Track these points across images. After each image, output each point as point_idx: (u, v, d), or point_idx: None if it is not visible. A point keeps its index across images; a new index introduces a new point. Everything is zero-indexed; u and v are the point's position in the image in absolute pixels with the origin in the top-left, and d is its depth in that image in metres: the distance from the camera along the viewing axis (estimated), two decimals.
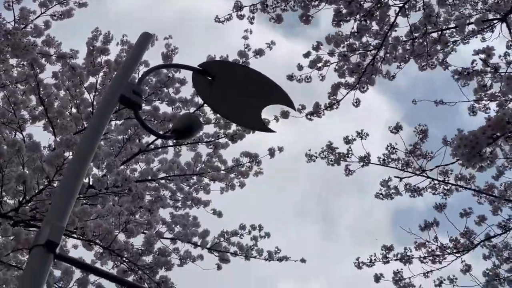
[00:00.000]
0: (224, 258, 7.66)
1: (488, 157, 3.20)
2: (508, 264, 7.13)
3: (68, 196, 1.87)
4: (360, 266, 7.61)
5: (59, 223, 1.75)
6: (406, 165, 7.18)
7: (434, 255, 7.22)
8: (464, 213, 7.23)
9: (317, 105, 7.38)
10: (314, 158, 7.48)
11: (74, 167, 1.99)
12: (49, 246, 1.69)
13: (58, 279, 6.16)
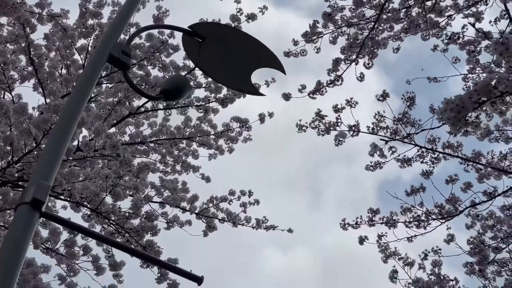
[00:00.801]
0: (212, 225, 7.67)
1: (474, 121, 3.20)
2: (492, 232, 7.18)
3: (54, 156, 1.86)
4: (345, 227, 7.67)
5: (45, 182, 1.74)
6: (395, 133, 7.18)
7: (419, 220, 7.28)
8: (449, 179, 7.26)
9: (319, 83, 7.39)
10: (305, 128, 7.47)
11: (61, 127, 1.97)
12: (35, 204, 1.68)
13: (45, 239, 6.18)
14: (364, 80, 7.26)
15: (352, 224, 7.65)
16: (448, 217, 7.21)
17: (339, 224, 7.68)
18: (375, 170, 7.60)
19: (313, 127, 7.42)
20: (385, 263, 7.45)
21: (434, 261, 7.11)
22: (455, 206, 7.18)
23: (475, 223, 7.30)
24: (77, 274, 6.44)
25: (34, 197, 1.68)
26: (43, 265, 6.27)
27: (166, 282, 6.58)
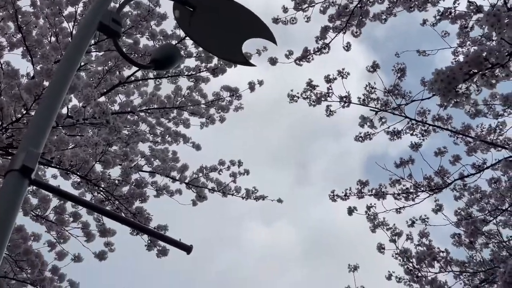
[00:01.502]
0: (202, 194, 7.69)
1: (464, 93, 3.21)
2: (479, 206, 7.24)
3: (44, 122, 1.85)
4: (335, 199, 7.71)
5: (34, 149, 1.74)
6: (385, 105, 7.19)
7: (407, 193, 7.32)
8: (438, 152, 7.30)
9: (306, 50, 7.37)
10: (296, 99, 7.47)
11: (51, 94, 1.97)
12: (24, 171, 1.68)
13: (35, 206, 6.19)
14: (350, 49, 7.23)
15: (341, 196, 7.69)
16: (436, 189, 7.26)
17: (328, 196, 7.73)
18: (364, 141, 7.64)
19: (304, 98, 7.43)
20: (373, 233, 7.50)
21: (422, 232, 7.16)
22: (444, 178, 7.22)
23: (463, 194, 7.35)
24: (67, 241, 6.47)
25: (23, 164, 1.68)
26: (33, 233, 6.29)
27: (156, 248, 6.61)
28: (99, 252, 6.51)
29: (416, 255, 6.98)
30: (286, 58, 7.44)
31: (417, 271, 6.94)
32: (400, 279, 7.20)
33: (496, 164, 6.99)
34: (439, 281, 6.83)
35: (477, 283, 6.82)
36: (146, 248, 6.62)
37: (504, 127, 7.00)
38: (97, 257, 6.50)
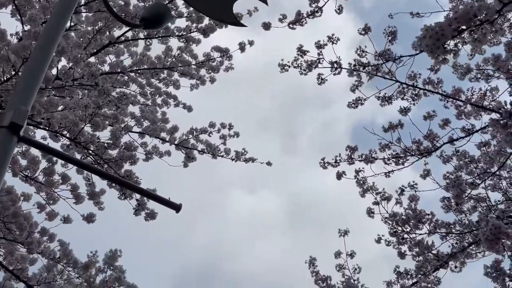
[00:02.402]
0: (191, 156, 7.69)
1: (452, 49, 3.19)
2: (467, 170, 7.27)
3: (32, 80, 1.84)
4: (325, 166, 7.73)
5: (23, 106, 1.73)
6: (376, 70, 7.17)
7: (397, 157, 7.34)
8: (427, 116, 7.31)
9: (299, 13, 7.33)
10: (287, 68, 7.45)
11: (39, 51, 1.95)
12: (12, 128, 1.67)
13: (24, 167, 6.17)
14: (342, 12, 7.21)
15: (331, 163, 7.72)
16: (425, 153, 7.28)
17: (319, 163, 7.75)
18: (357, 107, 7.64)
19: (295, 66, 7.41)
20: (363, 197, 7.54)
21: (411, 196, 7.19)
22: (433, 142, 7.24)
23: (452, 158, 7.38)
24: (56, 203, 6.47)
25: (12, 121, 1.67)
26: (23, 193, 6.29)
27: (144, 212, 6.62)
28: (87, 215, 6.51)
29: (400, 217, 7.04)
30: (280, 22, 7.42)
31: (403, 233, 7.00)
32: (389, 243, 7.25)
33: (486, 127, 7.01)
34: (426, 242, 6.89)
35: (464, 244, 6.89)
36: (134, 212, 6.63)
37: (496, 92, 7.01)
38: (85, 220, 6.51)
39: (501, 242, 2.94)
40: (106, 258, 6.13)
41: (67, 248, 6.35)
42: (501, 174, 7.39)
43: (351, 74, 7.17)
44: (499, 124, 3.06)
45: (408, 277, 7.28)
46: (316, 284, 7.83)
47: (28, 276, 6.21)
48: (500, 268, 3.11)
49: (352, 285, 7.62)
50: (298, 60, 7.36)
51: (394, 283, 7.44)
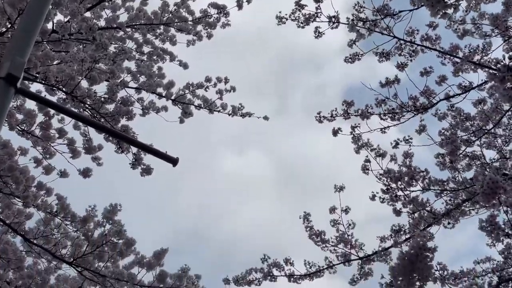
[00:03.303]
0: (188, 111, 7.67)
1: (453, 4, 3.17)
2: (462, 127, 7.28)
3: (28, 33, 1.84)
4: (321, 120, 7.73)
5: (20, 58, 1.73)
6: (374, 25, 7.13)
7: (393, 113, 7.34)
8: (424, 72, 7.29)
9: None
10: (284, 20, 7.40)
11: (35, 4, 1.94)
12: (9, 79, 1.67)
13: (21, 121, 6.17)
14: None
15: (327, 117, 7.71)
16: (421, 109, 7.28)
17: (315, 117, 7.72)
18: (353, 62, 7.62)
19: (292, 19, 7.36)
20: (357, 154, 7.55)
21: (406, 152, 7.20)
22: (429, 98, 7.24)
23: (447, 115, 7.38)
24: (53, 157, 6.49)
25: (9, 72, 1.67)
26: (20, 147, 6.30)
27: (140, 167, 6.64)
28: (83, 169, 6.53)
29: (393, 174, 7.06)
30: None
31: (397, 189, 7.04)
32: (383, 200, 7.29)
33: (483, 84, 7.01)
34: (420, 199, 6.94)
35: (459, 202, 6.94)
36: (130, 166, 6.64)
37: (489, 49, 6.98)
38: (81, 174, 6.53)
39: (498, 197, 2.96)
40: (106, 212, 6.16)
41: (65, 202, 6.39)
42: (496, 132, 7.41)
43: (351, 28, 7.13)
44: (497, 78, 3.05)
45: (402, 233, 7.35)
46: (310, 239, 7.91)
47: (25, 229, 6.25)
48: (495, 222, 3.15)
49: (346, 239, 7.70)
50: (296, 13, 7.31)
51: (387, 238, 7.52)
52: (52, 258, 6.27)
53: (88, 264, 6.15)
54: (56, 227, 6.42)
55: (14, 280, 6.18)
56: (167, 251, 6.35)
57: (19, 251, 6.18)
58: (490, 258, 6.96)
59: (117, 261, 6.30)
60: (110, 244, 6.10)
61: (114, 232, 6.09)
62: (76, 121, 6.55)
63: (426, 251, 2.71)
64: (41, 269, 6.31)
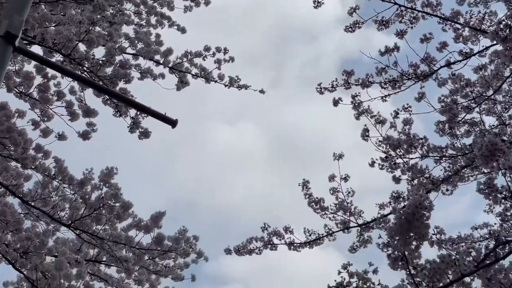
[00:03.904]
0: (184, 80, 7.62)
1: None
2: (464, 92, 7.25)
3: None
4: (322, 91, 7.71)
5: (18, 16, 1.71)
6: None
7: (394, 81, 7.31)
8: (424, 38, 7.24)
9: None
10: None
11: None
12: (8, 37, 1.66)
13: (18, 83, 6.14)
14: None
15: (328, 88, 7.68)
16: (422, 76, 7.25)
17: (315, 88, 7.70)
18: (354, 31, 7.57)
19: None
20: (357, 120, 7.53)
21: (405, 119, 7.18)
22: (430, 65, 7.20)
23: (447, 81, 7.34)
24: (51, 119, 6.46)
25: (7, 31, 1.66)
26: (18, 110, 6.27)
27: (139, 130, 6.62)
28: (82, 132, 6.51)
29: (392, 142, 7.06)
30: None
31: (396, 157, 7.04)
32: (382, 166, 7.30)
33: (483, 51, 6.98)
34: (419, 166, 6.95)
35: (458, 167, 6.95)
36: (128, 130, 6.63)
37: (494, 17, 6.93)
38: (80, 137, 6.51)
39: (496, 159, 2.97)
40: (102, 175, 6.16)
41: (63, 165, 6.38)
42: (496, 99, 7.40)
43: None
44: (498, 38, 3.04)
45: (401, 200, 7.38)
46: (309, 206, 7.94)
47: (23, 192, 6.26)
48: (493, 184, 3.16)
49: (346, 207, 7.73)
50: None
51: (386, 205, 7.55)
52: (50, 221, 6.29)
53: (86, 227, 6.17)
54: (54, 190, 6.42)
55: (13, 243, 6.19)
56: (164, 214, 6.38)
57: (17, 214, 6.18)
58: (488, 224, 7.03)
59: (115, 224, 6.32)
60: (107, 207, 6.11)
61: (110, 195, 6.10)
62: (72, 87, 6.52)
63: (423, 209, 2.72)
64: (39, 232, 6.32)
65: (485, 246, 3.13)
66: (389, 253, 3.00)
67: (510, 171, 3.03)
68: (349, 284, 2.83)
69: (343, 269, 2.85)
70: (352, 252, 7.89)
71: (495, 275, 3.03)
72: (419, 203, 2.73)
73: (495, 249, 3.01)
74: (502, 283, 3.06)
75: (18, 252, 6.16)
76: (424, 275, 2.99)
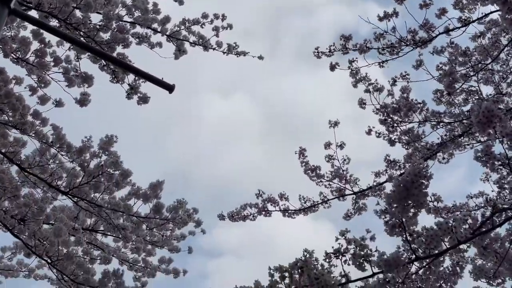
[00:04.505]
0: (182, 48, 7.57)
1: None
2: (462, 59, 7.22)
3: None
4: (319, 55, 7.68)
5: None
6: None
7: (392, 47, 7.27)
8: (423, 4, 7.19)
9: None
10: None
11: None
12: None
13: (15, 49, 6.09)
14: None
15: (325, 52, 7.65)
16: (420, 43, 7.22)
17: (313, 53, 7.67)
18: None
19: None
20: (355, 88, 7.51)
21: (403, 87, 7.17)
22: (429, 32, 7.16)
23: (446, 49, 7.31)
24: (48, 86, 6.42)
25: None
26: (15, 76, 6.22)
27: (137, 95, 6.59)
28: (80, 97, 6.46)
29: (391, 106, 7.05)
30: None
31: (393, 121, 7.04)
32: (379, 134, 7.31)
33: (483, 18, 6.94)
34: (416, 131, 6.95)
35: (455, 134, 6.95)
36: (126, 96, 6.59)
37: None
38: (78, 103, 6.47)
39: (493, 126, 2.96)
40: (102, 143, 6.16)
41: (60, 132, 6.36)
42: (493, 68, 7.39)
43: None
44: (499, 1, 3.01)
45: (397, 168, 7.40)
46: (305, 174, 7.97)
47: (21, 159, 6.25)
48: (491, 152, 3.16)
49: (341, 174, 7.76)
50: None
51: (382, 173, 7.58)
52: (48, 188, 6.30)
53: (84, 195, 6.19)
54: (52, 157, 6.41)
55: (11, 209, 6.21)
56: (163, 183, 6.40)
57: (15, 180, 6.19)
58: (483, 193, 7.05)
59: (113, 192, 6.34)
60: (106, 175, 6.12)
61: (110, 163, 6.10)
62: (67, 55, 6.47)
63: (421, 178, 2.73)
64: (38, 198, 6.34)
65: (481, 214, 3.14)
66: (386, 220, 3.01)
67: (507, 138, 3.02)
68: (347, 251, 2.84)
69: (340, 235, 2.86)
70: (346, 219, 7.94)
71: (490, 244, 3.05)
72: (418, 171, 2.74)
73: (491, 216, 3.03)
74: (497, 252, 3.08)
75: (15, 219, 6.18)
76: (420, 242, 3.01)
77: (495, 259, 3.09)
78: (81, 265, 6.36)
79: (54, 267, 6.35)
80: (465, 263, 3.48)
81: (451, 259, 3.39)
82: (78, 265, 6.34)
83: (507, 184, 5.61)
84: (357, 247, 2.86)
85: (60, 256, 6.21)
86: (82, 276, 6.36)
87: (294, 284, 2.64)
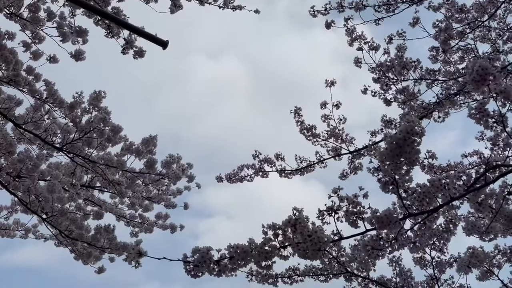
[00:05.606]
0: (178, 4, 7.47)
1: None
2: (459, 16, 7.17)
3: None
4: (315, 14, 7.63)
5: None
6: None
7: (388, 4, 7.21)
8: None
9: None
10: None
11: None
12: None
13: (8, 4, 6.01)
14: None
15: (321, 11, 7.60)
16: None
17: (308, 12, 7.63)
18: None
19: None
20: (351, 46, 7.47)
21: (399, 46, 7.12)
22: None
23: (441, 5, 7.26)
24: (42, 42, 6.36)
25: None
26: (7, 31, 6.15)
27: (133, 50, 6.53)
28: (75, 52, 6.41)
29: (385, 64, 7.02)
30: None
31: (388, 79, 7.01)
32: (375, 93, 7.29)
33: None
34: (411, 89, 6.93)
35: (450, 92, 6.94)
36: (122, 51, 6.53)
37: None
38: (73, 57, 6.41)
39: (487, 84, 2.95)
40: (91, 99, 6.14)
41: (53, 87, 6.33)
42: (490, 25, 7.34)
43: None
44: None
45: (392, 127, 7.40)
46: (301, 134, 7.97)
47: (15, 115, 6.23)
48: (485, 109, 3.16)
49: (337, 134, 7.77)
50: None
51: (377, 132, 7.58)
52: (43, 144, 6.29)
53: (78, 150, 6.19)
54: (45, 113, 6.39)
55: (6, 166, 6.21)
56: (156, 138, 6.41)
57: (10, 136, 6.18)
58: (478, 152, 7.06)
59: (106, 147, 6.35)
60: (97, 131, 6.12)
61: (99, 119, 6.09)
62: (62, 12, 6.38)
63: (414, 135, 2.72)
64: (33, 155, 6.33)
65: (475, 170, 3.16)
66: (379, 177, 3.02)
67: (501, 95, 3.02)
68: (339, 208, 2.84)
69: (333, 193, 2.86)
70: (342, 179, 7.97)
71: (485, 200, 3.06)
72: (410, 129, 2.73)
73: (485, 173, 3.04)
74: (492, 207, 3.10)
75: (11, 176, 6.19)
76: (414, 199, 3.02)
77: (490, 214, 3.12)
78: (74, 221, 6.39)
79: (49, 223, 6.39)
80: (458, 221, 3.51)
81: (444, 216, 3.42)
82: (72, 221, 6.38)
83: (502, 141, 5.62)
84: (350, 205, 2.87)
85: (54, 212, 6.24)
86: (76, 232, 6.40)
87: (287, 241, 2.66)
